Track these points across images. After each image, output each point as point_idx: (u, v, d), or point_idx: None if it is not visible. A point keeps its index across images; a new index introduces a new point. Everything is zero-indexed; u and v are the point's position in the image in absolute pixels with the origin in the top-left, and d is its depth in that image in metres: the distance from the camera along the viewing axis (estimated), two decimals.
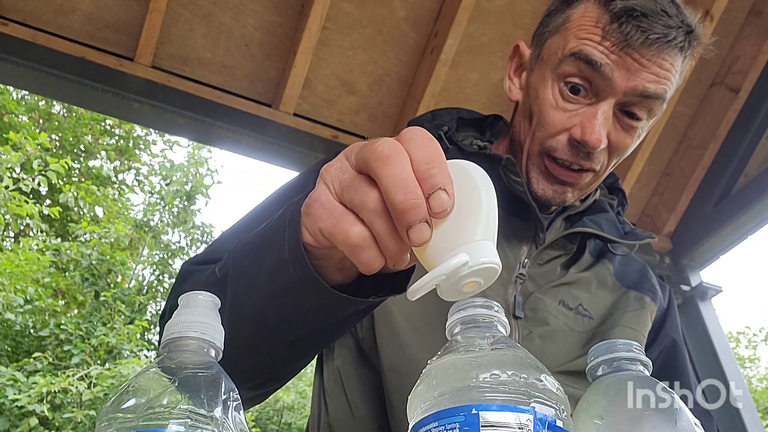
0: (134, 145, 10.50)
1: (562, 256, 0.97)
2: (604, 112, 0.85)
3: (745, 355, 12.62)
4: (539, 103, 0.89)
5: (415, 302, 0.83)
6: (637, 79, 0.84)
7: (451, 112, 1.04)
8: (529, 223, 0.94)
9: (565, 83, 0.87)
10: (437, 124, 1.00)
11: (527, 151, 0.91)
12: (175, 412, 0.39)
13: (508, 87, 0.99)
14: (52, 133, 9.44)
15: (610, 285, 1.00)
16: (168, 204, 9.88)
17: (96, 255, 8.47)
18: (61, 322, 7.64)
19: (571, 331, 0.92)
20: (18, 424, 6.47)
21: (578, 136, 0.86)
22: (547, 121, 0.88)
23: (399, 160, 0.47)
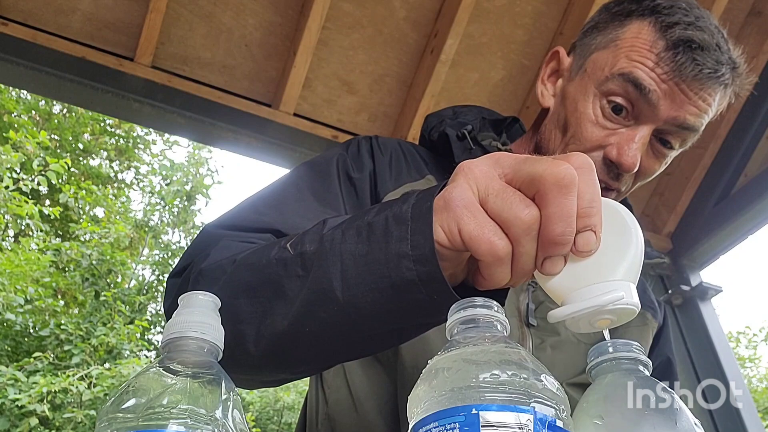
0: (134, 144, 10.50)
1: None
2: (642, 137, 0.86)
3: (745, 355, 12.61)
4: (578, 116, 0.88)
5: None
6: (680, 110, 0.85)
7: (473, 110, 1.04)
8: None
9: (608, 101, 0.86)
10: (460, 122, 0.99)
11: None
12: (175, 412, 0.39)
13: (541, 92, 0.98)
14: (52, 133, 9.45)
15: None
16: (168, 204, 9.89)
17: (96, 255, 8.47)
18: (61, 322, 7.64)
19: (578, 342, 0.92)
20: (18, 423, 6.47)
21: (614, 157, 0.85)
22: (585, 136, 0.87)
23: (574, 194, 0.48)
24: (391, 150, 0.96)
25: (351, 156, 0.94)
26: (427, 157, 0.99)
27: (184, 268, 0.76)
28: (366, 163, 0.92)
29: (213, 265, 0.68)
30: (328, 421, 0.88)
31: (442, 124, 0.98)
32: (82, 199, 8.89)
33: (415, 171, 0.93)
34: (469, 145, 0.94)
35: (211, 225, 0.81)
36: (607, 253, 0.50)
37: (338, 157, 0.92)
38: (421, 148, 1.02)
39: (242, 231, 0.76)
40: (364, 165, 0.92)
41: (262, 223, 0.78)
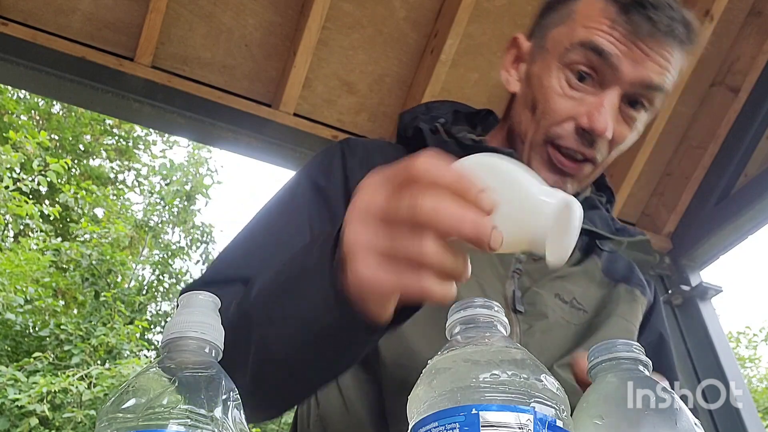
0: (134, 145, 10.50)
1: None
2: (610, 101, 0.86)
3: (745, 355, 12.61)
4: (544, 91, 0.89)
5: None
6: (643, 69, 0.86)
7: (446, 104, 1.04)
8: None
9: (572, 71, 0.87)
10: (433, 116, 0.99)
11: (530, 142, 0.91)
12: (175, 412, 0.39)
13: (506, 79, 0.99)
14: (52, 133, 9.45)
15: (598, 280, 1.00)
16: (168, 204, 9.88)
17: (96, 255, 8.47)
18: (61, 322, 7.64)
19: (568, 324, 0.92)
20: (18, 424, 6.47)
21: (586, 124, 0.86)
22: (553, 109, 0.88)
23: (443, 208, 0.48)
24: (362, 151, 0.96)
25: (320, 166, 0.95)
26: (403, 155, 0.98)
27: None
28: (336, 169, 0.93)
29: None
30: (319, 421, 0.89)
31: (416, 120, 0.99)
32: (82, 199, 8.89)
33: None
34: (443, 138, 0.94)
35: (189, 286, 0.85)
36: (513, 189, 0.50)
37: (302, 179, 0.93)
38: (398, 146, 1.02)
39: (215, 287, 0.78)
40: (333, 172, 0.93)
41: (232, 276, 0.81)
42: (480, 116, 1.08)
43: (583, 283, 0.98)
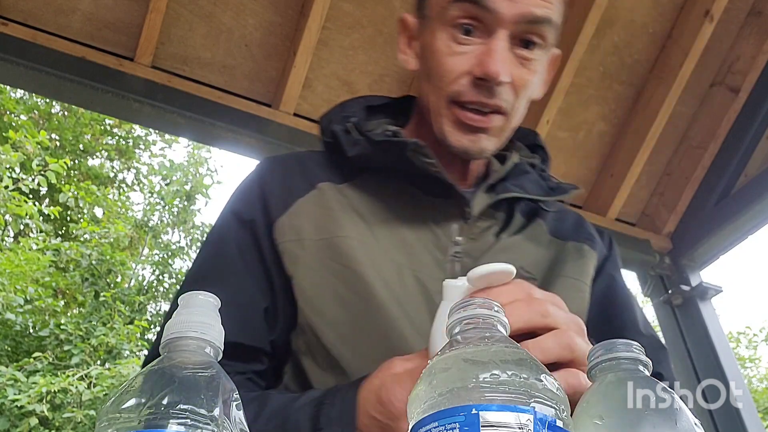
0: (134, 144, 10.50)
1: (493, 225, 0.95)
2: (499, 44, 0.86)
3: (745, 355, 12.61)
4: (435, 56, 0.89)
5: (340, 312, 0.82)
6: (522, 5, 0.85)
7: (358, 101, 1.03)
8: (453, 200, 0.92)
9: (455, 28, 0.87)
10: (345, 116, 0.98)
11: (435, 108, 0.90)
12: (175, 412, 0.39)
13: (404, 60, 0.99)
14: (51, 133, 9.45)
15: (546, 243, 0.99)
16: (168, 204, 9.88)
17: (96, 255, 8.47)
18: (61, 322, 7.64)
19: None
20: (18, 424, 6.47)
21: (479, 72, 0.85)
22: (447, 69, 0.88)
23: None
24: (281, 168, 0.96)
25: (241, 193, 0.94)
26: (325, 161, 0.97)
27: None
28: (254, 195, 0.92)
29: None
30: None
31: (330, 123, 0.98)
32: (82, 199, 8.89)
33: (305, 183, 0.92)
34: (355, 137, 0.93)
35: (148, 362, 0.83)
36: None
37: (228, 218, 0.92)
38: (321, 153, 1.01)
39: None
40: (252, 199, 0.91)
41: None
42: (402, 104, 1.07)
43: (529, 249, 0.96)
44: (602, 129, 2.70)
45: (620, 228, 2.76)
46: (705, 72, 2.64)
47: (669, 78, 2.53)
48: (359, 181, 0.94)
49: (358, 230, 0.87)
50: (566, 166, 2.73)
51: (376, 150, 0.91)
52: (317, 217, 0.87)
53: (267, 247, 0.87)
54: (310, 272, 0.84)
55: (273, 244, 0.86)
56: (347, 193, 0.92)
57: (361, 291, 0.82)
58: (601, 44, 2.52)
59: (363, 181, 0.93)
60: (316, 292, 0.83)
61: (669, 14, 2.54)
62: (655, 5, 2.51)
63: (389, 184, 0.93)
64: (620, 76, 2.61)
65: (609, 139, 2.72)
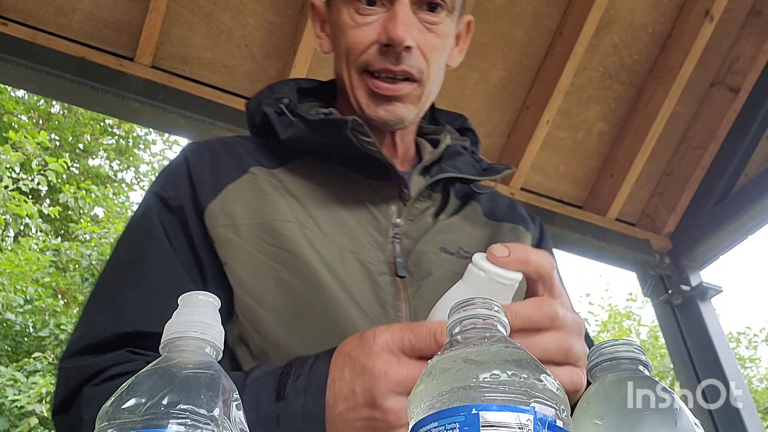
0: (134, 144, 10.50)
1: (431, 206, 0.96)
2: (402, 9, 0.86)
3: (745, 355, 12.62)
4: (342, 32, 0.90)
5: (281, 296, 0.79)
6: None
7: (288, 83, 1.02)
8: (391, 182, 0.92)
9: (359, 1, 0.88)
10: (276, 97, 0.96)
11: (349, 83, 0.91)
12: (175, 412, 0.39)
13: (319, 44, 1.00)
14: (51, 133, 9.45)
15: (482, 224, 0.99)
16: None
17: (96, 255, 8.47)
18: (61, 322, 7.64)
19: (456, 275, 0.89)
20: (18, 424, 6.47)
21: (384, 39, 0.86)
22: (353, 41, 0.89)
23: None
24: (206, 155, 0.91)
25: (167, 178, 0.90)
26: (255, 146, 0.95)
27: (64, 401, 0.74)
28: (181, 180, 0.88)
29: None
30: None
31: (260, 105, 0.96)
32: (82, 199, 8.89)
33: (236, 167, 0.89)
34: (289, 119, 0.92)
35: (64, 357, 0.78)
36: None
37: (151, 196, 0.88)
38: (250, 137, 0.99)
39: (95, 354, 0.74)
40: (179, 184, 0.87)
41: (107, 333, 0.76)
42: (330, 88, 1.06)
43: (466, 230, 0.96)
44: (602, 129, 2.70)
45: (620, 228, 2.76)
46: (705, 72, 2.65)
47: (669, 78, 2.53)
48: (293, 165, 0.92)
49: (295, 214, 0.85)
50: (566, 166, 2.73)
51: (312, 131, 0.89)
52: (251, 201, 0.85)
53: (197, 234, 0.83)
54: (246, 257, 0.81)
55: (204, 230, 0.83)
56: (281, 178, 0.89)
57: (305, 275, 0.80)
58: (601, 44, 2.52)
59: (297, 165, 0.92)
60: (254, 277, 0.80)
61: (669, 14, 2.54)
62: (655, 5, 2.51)
63: (324, 167, 0.92)
64: (620, 76, 2.61)
65: (609, 139, 2.72)
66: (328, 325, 0.78)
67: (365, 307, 0.80)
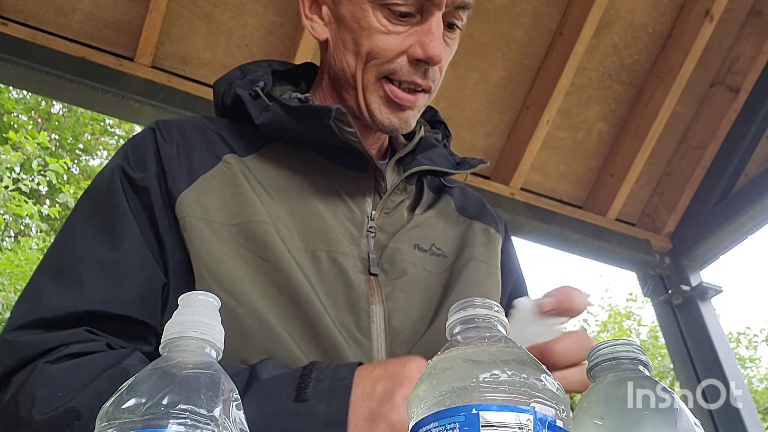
0: None
1: (405, 199, 0.95)
2: (437, 26, 0.86)
3: (745, 355, 12.62)
4: (367, 33, 0.87)
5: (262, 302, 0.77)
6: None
7: (262, 65, 0.98)
8: (368, 173, 0.91)
9: (390, 10, 0.86)
10: (251, 80, 0.93)
11: (362, 83, 0.89)
12: (175, 412, 0.39)
13: (311, 26, 0.94)
14: (51, 133, 9.45)
15: (454, 219, 0.99)
16: None
17: None
18: None
19: (430, 274, 0.89)
20: None
21: (420, 54, 0.86)
22: (383, 48, 0.86)
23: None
24: (177, 136, 0.87)
25: (133, 155, 0.85)
26: (226, 130, 0.91)
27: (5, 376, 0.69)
28: (149, 160, 0.83)
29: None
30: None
31: (232, 87, 0.92)
32: None
33: (209, 154, 0.86)
34: (265, 103, 0.89)
35: (9, 329, 0.72)
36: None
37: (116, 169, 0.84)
38: (219, 119, 0.95)
39: (48, 329, 0.70)
40: (146, 164, 0.83)
41: (66, 310, 0.71)
42: (301, 71, 1.04)
43: (439, 225, 0.96)
44: (602, 129, 2.70)
45: (620, 228, 2.76)
46: (705, 72, 2.65)
47: (669, 78, 2.53)
48: (266, 151, 0.89)
49: (269, 211, 0.82)
50: (566, 166, 2.73)
51: (290, 117, 0.87)
52: (226, 197, 0.82)
53: (163, 220, 0.80)
54: (222, 255, 0.78)
55: (174, 217, 0.79)
56: (254, 167, 0.87)
57: (283, 287, 0.78)
58: (601, 44, 2.52)
59: (270, 152, 0.89)
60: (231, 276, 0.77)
61: (669, 14, 2.54)
62: (655, 5, 2.51)
63: (298, 155, 0.90)
64: (620, 76, 2.61)
65: (609, 139, 2.72)
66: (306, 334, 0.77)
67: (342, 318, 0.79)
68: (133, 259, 0.77)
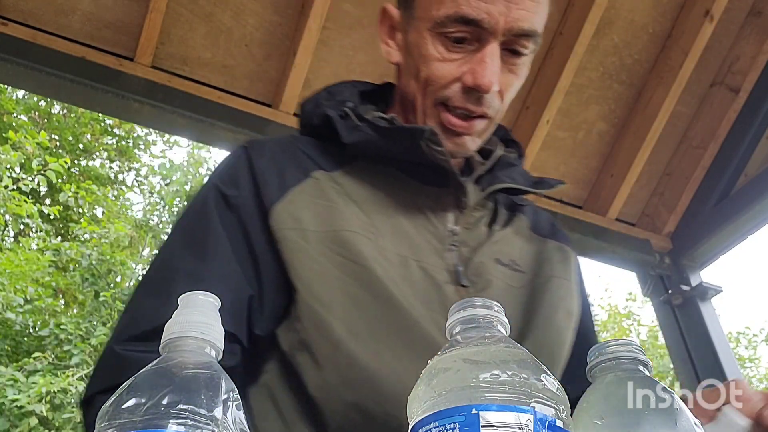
0: (134, 145, 10.50)
1: (485, 215, 0.97)
2: (491, 55, 0.87)
3: (745, 355, 12.62)
4: (424, 59, 0.90)
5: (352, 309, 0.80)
6: (512, 20, 0.87)
7: (347, 86, 1.03)
8: (448, 189, 0.93)
9: (446, 37, 0.88)
10: (339, 101, 0.97)
11: (422, 109, 0.92)
12: (175, 412, 0.39)
13: (386, 51, 0.99)
14: (51, 133, 9.45)
15: (528, 236, 1.01)
16: (168, 204, 9.89)
17: (96, 255, 8.47)
18: (61, 322, 7.64)
19: (510, 288, 0.92)
20: (18, 424, 6.47)
21: (471, 82, 0.87)
22: (437, 75, 0.89)
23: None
24: (268, 153, 0.92)
25: (226, 173, 0.90)
26: (312, 148, 0.95)
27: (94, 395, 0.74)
28: (242, 177, 0.88)
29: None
30: None
31: (320, 108, 0.97)
32: (82, 199, 8.89)
33: (298, 171, 0.90)
34: (354, 123, 0.92)
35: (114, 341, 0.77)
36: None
37: (210, 187, 0.88)
38: (306, 138, 0.99)
39: (144, 341, 0.75)
40: (239, 180, 0.88)
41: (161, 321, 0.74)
42: (381, 91, 1.07)
43: (516, 242, 0.98)
44: (602, 129, 2.70)
45: (620, 228, 2.76)
46: (705, 72, 2.64)
47: (669, 78, 2.53)
48: (352, 168, 0.93)
49: (360, 222, 0.86)
50: (566, 166, 2.73)
51: (380, 137, 0.90)
52: (317, 208, 0.86)
53: (258, 234, 0.84)
54: (314, 265, 0.81)
55: (269, 231, 0.83)
56: (341, 181, 0.90)
57: (375, 290, 0.80)
58: (601, 44, 2.52)
59: (356, 168, 0.93)
60: (322, 285, 0.80)
61: (669, 14, 2.54)
62: (655, 5, 2.51)
63: (382, 171, 0.93)
64: (620, 76, 2.61)
65: (609, 139, 2.72)
66: (400, 339, 0.79)
67: (437, 320, 0.80)
68: (219, 271, 0.80)
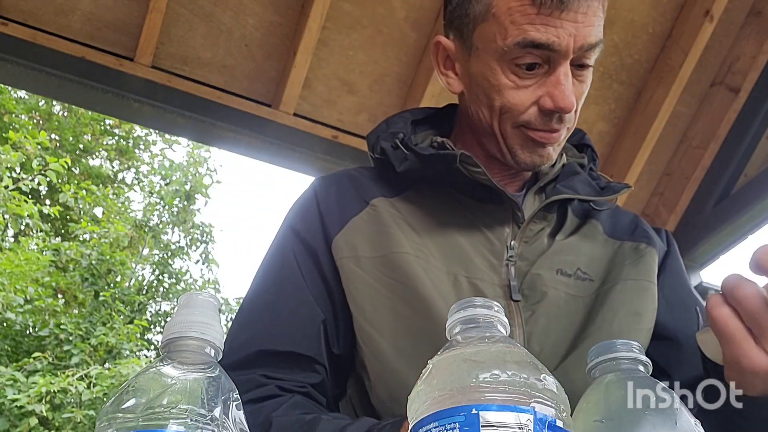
0: (134, 144, 10.50)
1: (546, 227, 0.97)
2: (566, 75, 0.88)
3: None
4: (497, 89, 0.90)
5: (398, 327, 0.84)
6: (580, 37, 0.87)
7: (404, 116, 1.05)
8: (504, 205, 0.94)
9: (517, 65, 0.88)
10: (392, 132, 1.00)
11: (500, 132, 0.92)
12: (175, 412, 0.39)
13: (447, 82, 0.99)
14: (52, 133, 9.45)
15: (602, 242, 1.00)
16: (168, 204, 9.89)
17: (96, 255, 8.47)
18: (61, 322, 7.65)
19: (573, 298, 0.92)
20: (18, 424, 6.48)
21: (551, 106, 0.87)
22: (514, 103, 0.89)
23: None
24: (335, 186, 0.99)
25: (300, 214, 0.98)
26: (377, 176, 1.01)
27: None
28: (311, 214, 0.96)
29: None
30: None
31: (378, 140, 1.01)
32: (82, 199, 8.89)
33: (359, 200, 0.96)
34: (403, 153, 0.96)
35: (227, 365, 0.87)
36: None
37: (287, 228, 0.97)
38: (371, 168, 1.04)
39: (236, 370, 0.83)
40: (309, 218, 0.95)
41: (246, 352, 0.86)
42: (444, 113, 1.08)
43: (585, 250, 0.97)
44: (602, 129, 2.70)
45: None
46: (705, 72, 2.64)
47: (669, 78, 2.53)
48: (410, 193, 0.97)
49: (412, 244, 0.90)
50: None
51: (424, 164, 0.93)
52: (372, 234, 0.91)
53: (326, 264, 0.91)
54: (366, 288, 0.87)
55: (332, 261, 0.90)
56: (399, 207, 0.95)
57: (418, 307, 0.85)
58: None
59: (414, 193, 0.97)
60: (373, 306, 0.86)
61: (669, 14, 2.54)
62: (655, 5, 2.51)
63: (440, 194, 0.96)
64: (620, 76, 2.61)
65: (609, 139, 2.72)
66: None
67: None
68: (294, 301, 0.89)
